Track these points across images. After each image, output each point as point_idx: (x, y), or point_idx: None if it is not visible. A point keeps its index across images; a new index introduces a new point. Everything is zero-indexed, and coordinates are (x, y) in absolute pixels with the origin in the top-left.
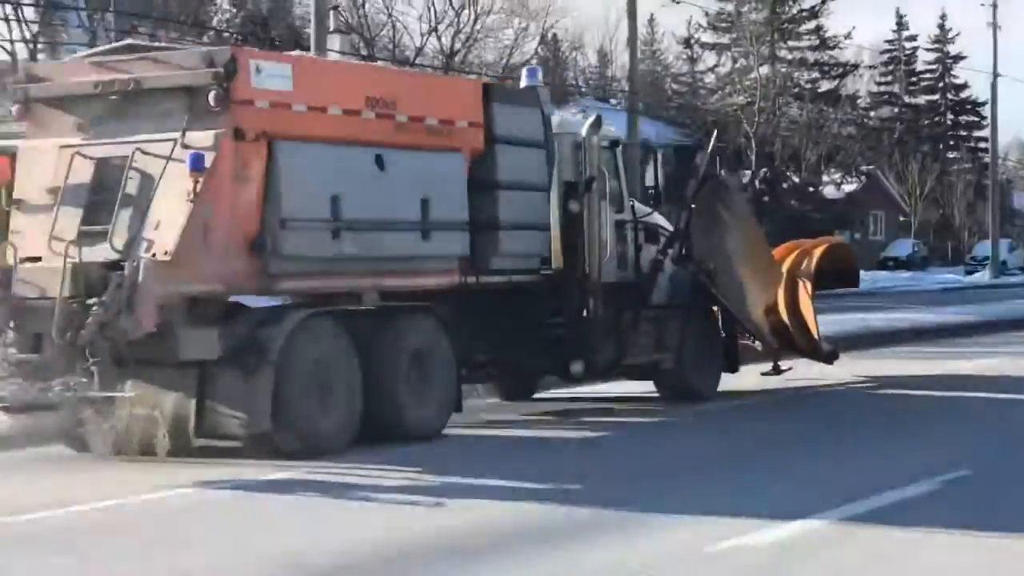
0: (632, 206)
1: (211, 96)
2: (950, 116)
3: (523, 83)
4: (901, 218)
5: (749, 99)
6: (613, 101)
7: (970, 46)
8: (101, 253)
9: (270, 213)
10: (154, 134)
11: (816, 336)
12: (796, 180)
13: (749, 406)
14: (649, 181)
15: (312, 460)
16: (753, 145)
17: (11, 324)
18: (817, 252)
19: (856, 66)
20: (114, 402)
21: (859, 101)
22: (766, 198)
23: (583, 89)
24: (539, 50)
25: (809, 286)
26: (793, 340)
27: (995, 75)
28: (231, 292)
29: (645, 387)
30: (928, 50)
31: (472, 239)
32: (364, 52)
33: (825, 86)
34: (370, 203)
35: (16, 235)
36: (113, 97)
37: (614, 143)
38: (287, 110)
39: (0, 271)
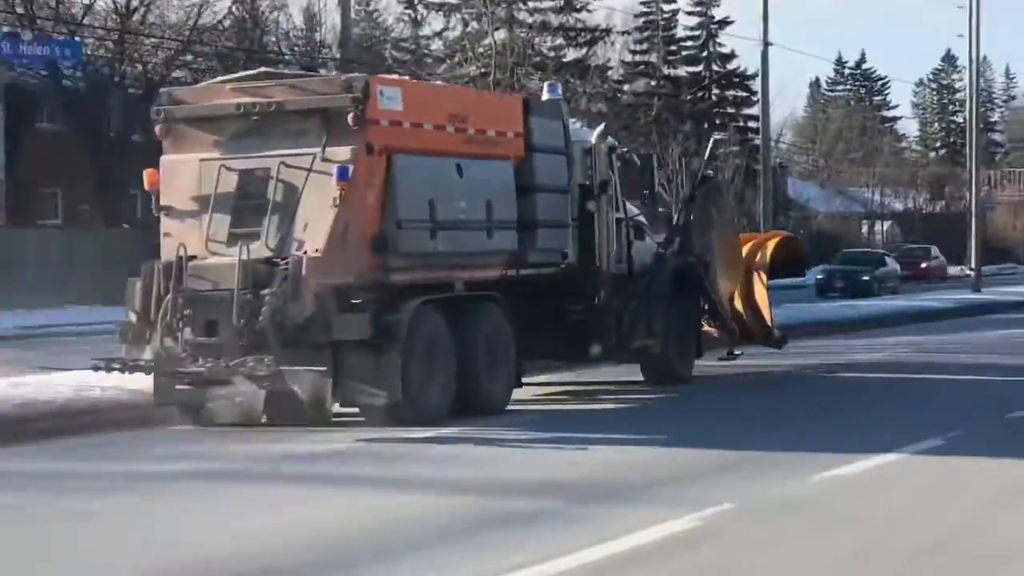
0: (624, 205)
1: (350, 117)
2: (715, 91)
3: (545, 96)
4: (661, 209)
5: (483, 69)
6: (323, 71)
7: (737, 10)
8: (254, 252)
9: (389, 216)
10: (292, 149)
11: (770, 323)
12: None
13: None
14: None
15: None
16: None
17: (186, 313)
18: (771, 244)
19: (607, 32)
20: (278, 377)
21: (610, 73)
22: None
23: (287, 56)
24: (233, 9)
25: (764, 277)
26: (748, 327)
27: (765, 43)
28: (359, 284)
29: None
30: (690, 14)
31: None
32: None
33: (572, 55)
34: (453, 206)
35: (168, 237)
36: (254, 118)
37: (611, 149)
38: (400, 127)
39: (167, 267)
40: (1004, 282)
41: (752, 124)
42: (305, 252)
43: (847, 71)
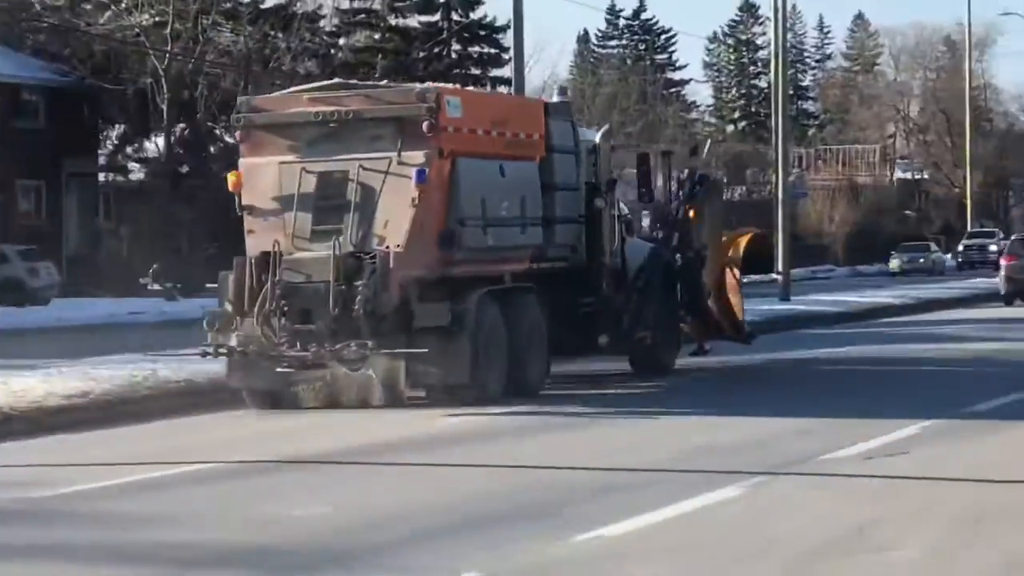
0: (618, 202)
1: (425, 124)
2: (456, 46)
3: (555, 99)
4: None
5: (158, 18)
6: None
7: None
8: (340, 247)
9: (453, 214)
10: (368, 153)
11: (741, 319)
12: (231, 140)
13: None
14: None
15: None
16: (165, 88)
17: (283, 302)
18: (743, 241)
19: None
20: (364, 361)
21: (322, 24)
22: (185, 168)
23: None
24: None
25: (737, 272)
26: (720, 322)
27: None
28: (435, 276)
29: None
30: None
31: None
32: None
33: (271, 1)
34: (498, 204)
35: (252, 234)
36: (332, 124)
37: (613, 148)
38: (461, 133)
39: (260, 261)
40: (819, 288)
41: (503, 88)
42: (388, 247)
43: (623, 23)
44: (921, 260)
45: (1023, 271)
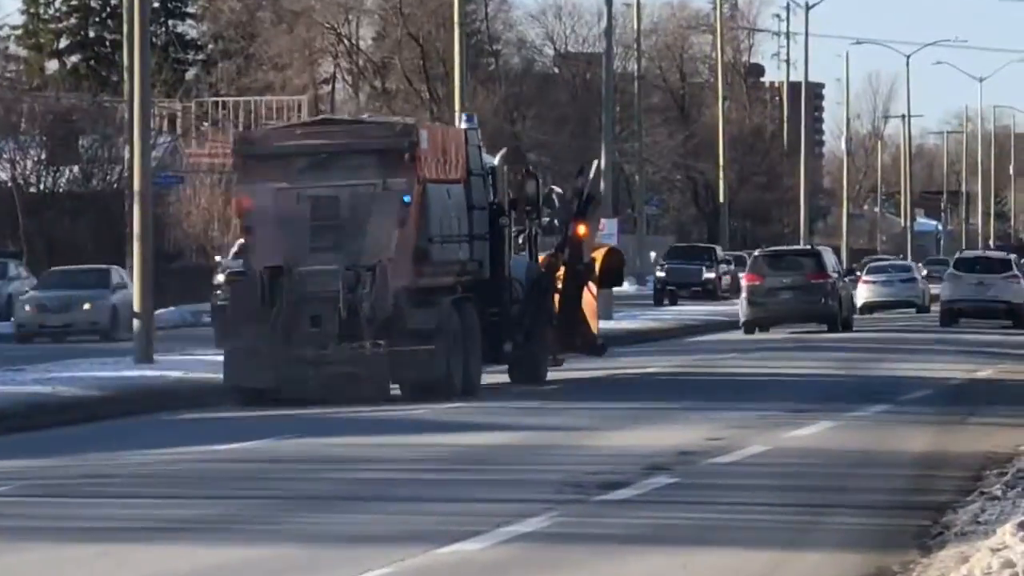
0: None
1: (407, 156)
2: None
3: (464, 125)
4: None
5: None
6: None
7: None
8: (337, 261)
9: (423, 233)
10: (353, 180)
11: (595, 332)
12: None
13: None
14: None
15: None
16: None
17: (295, 310)
18: (599, 256)
19: None
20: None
21: None
22: None
23: None
24: None
25: (594, 287)
26: (579, 334)
27: None
28: (411, 286)
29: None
30: None
31: None
32: None
33: None
34: (448, 224)
35: (252, 252)
36: (323, 156)
37: (507, 170)
38: (428, 162)
39: (272, 272)
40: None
41: None
42: (380, 261)
43: None
44: None
45: (767, 294)
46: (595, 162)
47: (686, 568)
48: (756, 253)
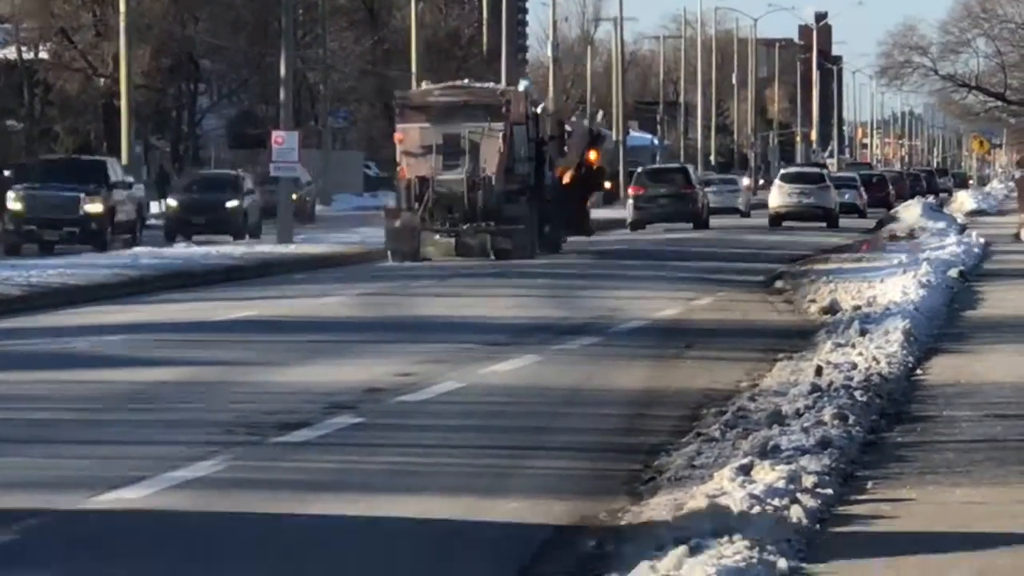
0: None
1: (504, 109)
2: None
3: (523, 86)
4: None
5: None
6: None
7: None
8: (458, 175)
9: (511, 156)
10: (469, 123)
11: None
12: None
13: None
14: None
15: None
16: None
17: (436, 203)
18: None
19: None
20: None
21: None
22: None
23: None
24: None
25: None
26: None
27: None
28: (512, 190)
29: None
30: None
31: None
32: None
33: None
34: (520, 151)
35: (408, 167)
36: (450, 107)
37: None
38: (512, 113)
39: (420, 181)
40: None
41: None
42: (487, 174)
43: None
44: None
45: (650, 200)
46: (599, 112)
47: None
48: (639, 170)
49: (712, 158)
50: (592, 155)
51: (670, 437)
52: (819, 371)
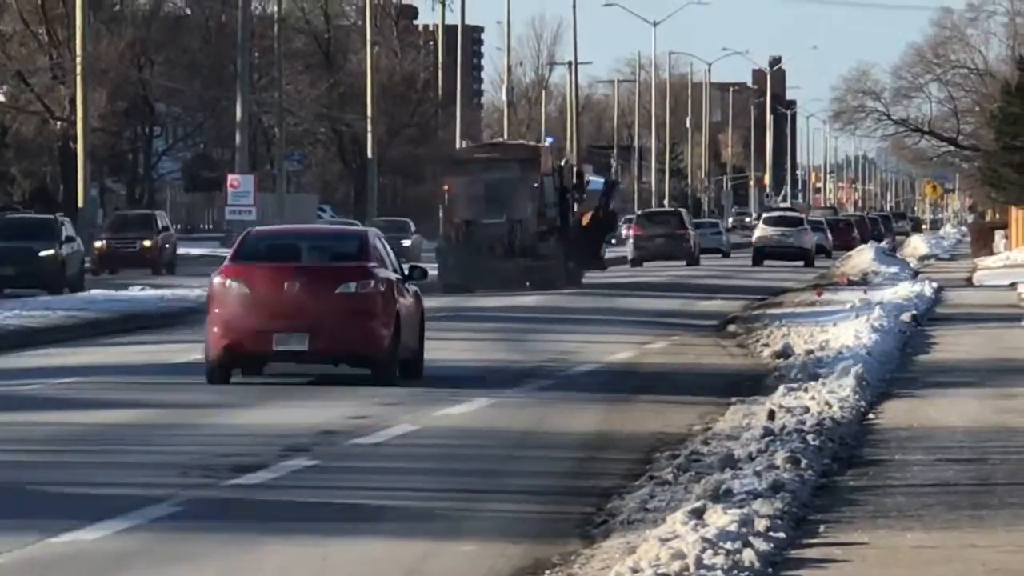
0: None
1: (534, 163)
2: None
3: (548, 143)
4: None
5: None
6: None
7: None
8: (497, 218)
9: (542, 203)
10: (506, 175)
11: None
12: None
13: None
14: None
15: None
16: None
17: (480, 242)
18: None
19: None
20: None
21: None
22: None
23: None
24: None
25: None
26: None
27: None
28: (537, 231)
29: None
30: None
31: None
32: None
33: None
34: (548, 197)
35: (454, 213)
36: (489, 161)
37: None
38: (542, 165)
39: (465, 223)
40: None
41: None
42: (522, 218)
43: None
44: None
45: (649, 240)
46: (614, 169)
47: (326, 560)
48: (639, 213)
49: (666, 202)
50: (609, 204)
51: (623, 480)
52: (772, 415)
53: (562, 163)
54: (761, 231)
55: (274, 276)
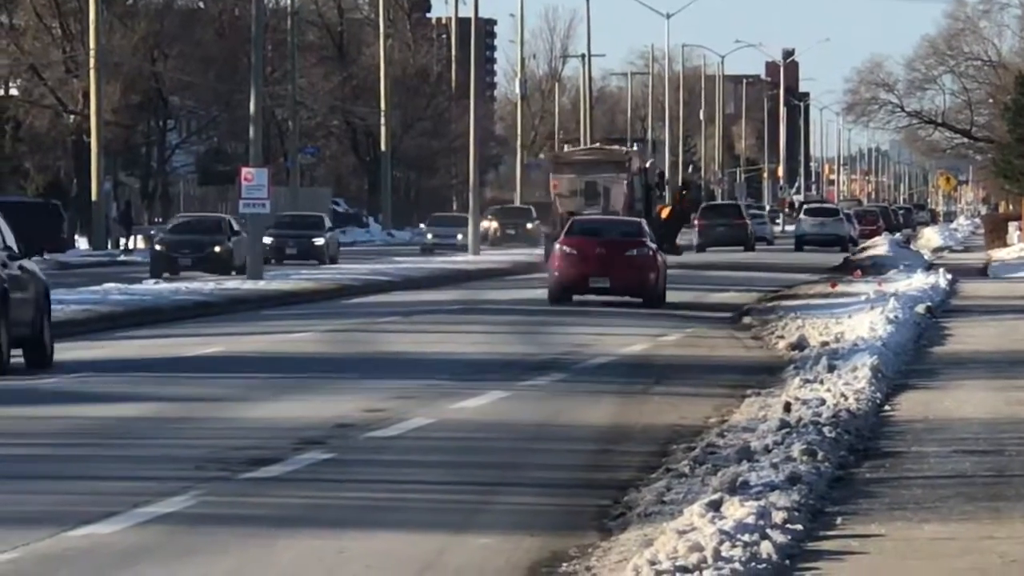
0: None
1: (626, 164)
2: None
3: (636, 148)
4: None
5: None
6: None
7: None
8: (596, 211)
9: (633, 197)
10: (604, 174)
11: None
12: None
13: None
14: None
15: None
16: None
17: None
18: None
19: None
20: None
21: None
22: None
23: None
24: None
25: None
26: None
27: None
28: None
29: None
30: None
31: None
32: None
33: None
34: (638, 193)
35: (561, 205)
36: (590, 162)
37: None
38: (633, 166)
39: (570, 214)
40: None
41: None
42: (615, 212)
43: None
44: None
45: (711, 228)
46: (690, 167)
47: (343, 553)
48: (704, 205)
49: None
50: (684, 199)
51: (639, 473)
52: (788, 407)
53: (647, 165)
54: (801, 220)
55: (589, 244)
